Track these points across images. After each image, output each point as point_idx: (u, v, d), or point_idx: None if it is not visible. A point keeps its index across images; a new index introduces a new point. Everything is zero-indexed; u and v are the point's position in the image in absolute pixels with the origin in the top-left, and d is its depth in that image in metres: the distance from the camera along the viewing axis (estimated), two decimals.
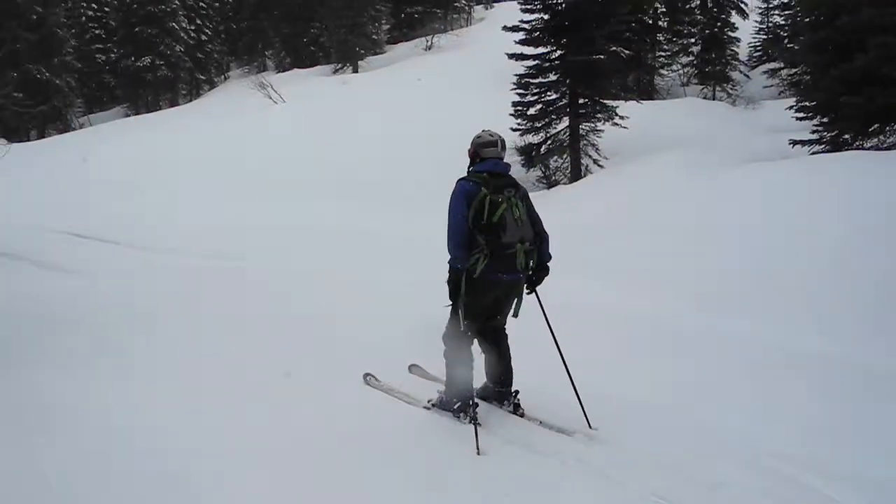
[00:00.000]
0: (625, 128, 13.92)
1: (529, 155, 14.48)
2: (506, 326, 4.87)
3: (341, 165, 16.44)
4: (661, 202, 10.16)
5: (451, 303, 4.61)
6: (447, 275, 4.52)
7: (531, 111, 14.46)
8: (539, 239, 4.62)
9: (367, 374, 5.49)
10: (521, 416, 4.78)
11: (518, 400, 4.85)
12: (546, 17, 14.36)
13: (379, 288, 8.46)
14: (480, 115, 17.04)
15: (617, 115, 13.97)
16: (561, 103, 14.38)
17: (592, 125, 14.37)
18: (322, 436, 4.47)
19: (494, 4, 48.00)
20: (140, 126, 29.77)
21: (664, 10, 22.82)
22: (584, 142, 14.46)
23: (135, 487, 3.87)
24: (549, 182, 14.62)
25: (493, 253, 4.34)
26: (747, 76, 23.21)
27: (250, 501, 3.76)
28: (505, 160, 4.69)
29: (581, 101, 14.26)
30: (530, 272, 4.61)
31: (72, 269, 11.22)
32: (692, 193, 10.04)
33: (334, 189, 15.06)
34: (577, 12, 13.84)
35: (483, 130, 4.74)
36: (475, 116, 17.26)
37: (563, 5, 13.92)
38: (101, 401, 5.10)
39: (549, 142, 14.50)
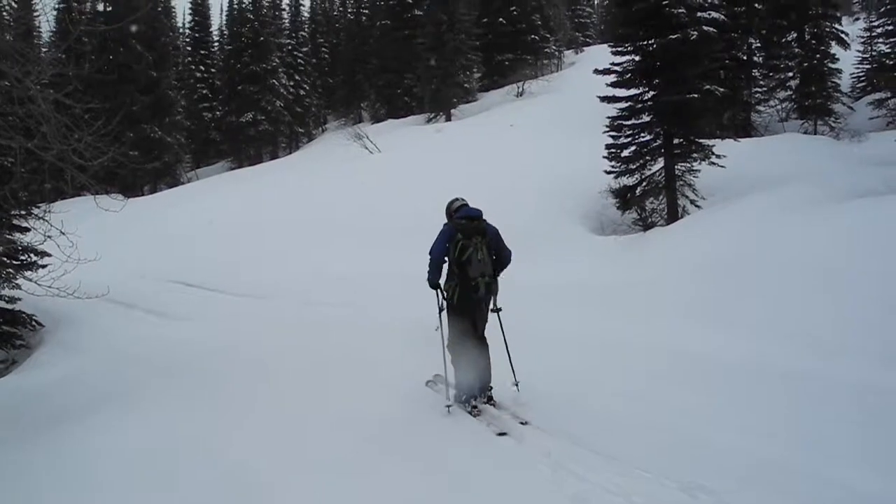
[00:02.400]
0: (722, 167, 13.59)
1: (624, 197, 14.31)
2: (486, 336, 6.25)
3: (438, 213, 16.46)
4: (763, 242, 9.79)
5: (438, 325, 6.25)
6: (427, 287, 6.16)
7: (625, 153, 14.30)
8: (499, 270, 6.17)
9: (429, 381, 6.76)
10: (493, 406, 6.05)
11: (491, 394, 6.15)
12: (637, 58, 14.29)
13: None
14: (574, 158, 17.11)
15: (713, 154, 13.66)
16: (655, 144, 14.20)
17: (688, 165, 14.09)
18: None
19: (585, 49, 48.17)
20: (238, 180, 31.12)
21: (759, 45, 22.24)
22: (681, 182, 14.19)
23: None
24: (646, 224, 14.40)
25: (462, 283, 5.97)
26: (851, 108, 22.25)
27: None
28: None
29: (676, 141, 14.03)
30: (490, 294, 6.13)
31: (179, 317, 11.77)
32: (797, 232, 9.62)
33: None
34: (668, 53, 13.71)
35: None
36: (569, 160, 17.31)
37: (654, 46, 13.82)
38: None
39: (644, 183, 14.29)
